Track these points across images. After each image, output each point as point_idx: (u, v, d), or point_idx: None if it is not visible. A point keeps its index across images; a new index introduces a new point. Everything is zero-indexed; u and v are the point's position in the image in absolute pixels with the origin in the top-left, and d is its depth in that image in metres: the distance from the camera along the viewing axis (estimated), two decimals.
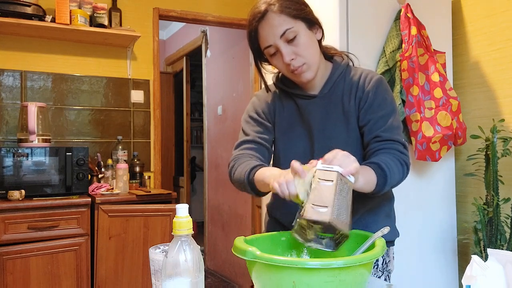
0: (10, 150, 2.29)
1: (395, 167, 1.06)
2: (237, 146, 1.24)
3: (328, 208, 0.82)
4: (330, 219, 0.81)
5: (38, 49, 2.76)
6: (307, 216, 0.83)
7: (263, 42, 1.12)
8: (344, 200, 0.86)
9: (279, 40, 1.09)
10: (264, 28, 1.10)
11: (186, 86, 4.99)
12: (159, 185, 3.08)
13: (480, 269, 0.76)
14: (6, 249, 2.10)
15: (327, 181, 0.86)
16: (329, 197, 0.83)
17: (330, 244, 0.89)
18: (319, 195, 0.84)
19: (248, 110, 1.28)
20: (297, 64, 1.11)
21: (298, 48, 1.10)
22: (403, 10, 1.93)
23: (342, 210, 0.85)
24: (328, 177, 0.86)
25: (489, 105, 2.09)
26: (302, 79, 1.14)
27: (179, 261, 0.73)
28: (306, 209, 0.84)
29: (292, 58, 1.10)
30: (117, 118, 2.97)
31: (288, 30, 1.08)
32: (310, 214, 0.83)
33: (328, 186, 0.85)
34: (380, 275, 1.21)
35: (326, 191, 0.84)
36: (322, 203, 0.83)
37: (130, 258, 2.32)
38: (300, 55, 1.10)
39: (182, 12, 3.19)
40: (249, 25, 1.13)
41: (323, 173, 0.87)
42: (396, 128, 1.14)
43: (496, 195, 1.87)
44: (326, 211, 0.82)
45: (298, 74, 1.13)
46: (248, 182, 1.11)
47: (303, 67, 1.11)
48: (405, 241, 1.92)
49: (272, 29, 1.09)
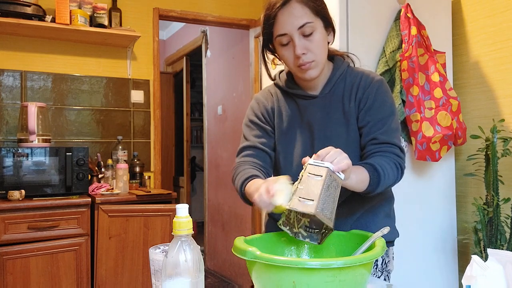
0: (10, 150, 2.29)
1: (389, 169, 1.06)
2: (238, 153, 1.25)
3: (314, 202, 0.84)
4: (315, 212, 0.83)
5: (38, 49, 2.76)
6: (293, 206, 0.85)
7: (278, 28, 1.11)
8: (330, 196, 0.88)
9: (296, 31, 1.09)
10: (284, 15, 1.10)
11: (186, 86, 4.99)
12: (159, 185, 3.08)
13: (480, 269, 0.76)
14: (6, 249, 2.10)
15: (317, 175, 0.88)
16: (315, 191, 0.85)
17: (316, 237, 0.93)
18: (306, 189, 0.86)
19: (248, 114, 1.28)
20: (306, 60, 1.10)
21: (311, 44, 1.10)
22: (403, 10, 1.93)
23: (327, 205, 0.87)
24: (318, 172, 0.88)
25: (489, 105, 2.09)
26: (306, 76, 1.14)
27: (179, 261, 0.73)
28: (293, 200, 0.86)
29: (304, 53, 1.10)
30: (117, 118, 2.97)
31: (308, 24, 1.09)
32: (295, 205, 0.85)
33: (316, 180, 0.87)
34: (380, 275, 1.21)
35: (313, 185, 0.86)
36: (308, 196, 0.85)
37: (130, 258, 2.32)
38: (312, 51, 1.10)
39: (182, 12, 3.20)
40: (269, 9, 1.12)
41: (313, 168, 0.89)
42: (394, 131, 1.14)
43: (496, 195, 1.87)
44: (311, 204, 0.84)
45: (305, 70, 1.12)
46: (241, 195, 1.14)
47: (311, 64, 1.11)
48: (405, 241, 1.92)
49: (292, 18, 1.09)
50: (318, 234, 0.92)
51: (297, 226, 0.91)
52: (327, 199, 0.87)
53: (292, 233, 0.94)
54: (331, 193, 0.88)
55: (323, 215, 0.85)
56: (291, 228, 0.94)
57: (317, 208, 0.83)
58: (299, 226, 0.91)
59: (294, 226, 0.93)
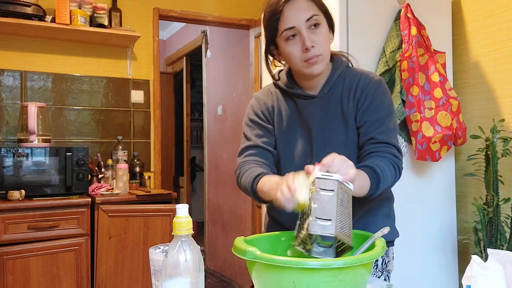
0: (10, 150, 2.29)
1: (388, 171, 1.06)
2: (240, 153, 1.24)
3: (332, 222, 0.82)
4: (336, 234, 0.81)
5: (38, 49, 2.76)
6: (312, 230, 0.83)
7: (285, 23, 1.11)
8: (345, 212, 0.86)
9: (303, 24, 1.09)
10: (290, 9, 1.10)
11: (186, 86, 4.99)
12: (159, 185, 3.08)
13: (480, 269, 0.76)
14: (6, 249, 2.10)
15: (328, 190, 0.85)
16: (331, 209, 0.83)
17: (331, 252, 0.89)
18: (321, 207, 0.84)
19: (248, 113, 1.28)
20: (314, 53, 1.10)
21: (318, 38, 1.10)
22: (403, 10, 1.93)
23: (345, 222, 0.85)
24: (328, 186, 0.86)
25: (489, 105, 2.09)
26: (313, 70, 1.13)
27: (179, 261, 0.73)
28: (310, 222, 0.83)
29: (312, 46, 1.10)
30: (117, 118, 2.97)
31: (315, 16, 1.09)
32: (314, 228, 0.82)
33: (329, 196, 0.85)
34: (380, 275, 1.21)
35: (328, 203, 0.84)
36: (324, 216, 0.83)
37: (130, 258, 2.32)
38: (319, 45, 1.10)
39: (182, 12, 3.20)
40: (274, 5, 1.12)
41: (323, 182, 0.87)
42: (392, 131, 1.14)
43: (496, 195, 1.87)
44: (330, 225, 0.82)
45: (312, 64, 1.11)
46: (252, 192, 1.13)
47: (319, 58, 1.11)
48: (405, 241, 1.92)
49: (299, 12, 1.09)
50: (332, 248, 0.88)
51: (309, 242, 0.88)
52: (343, 216, 0.85)
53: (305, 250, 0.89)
54: (345, 207, 0.86)
55: (343, 234, 0.83)
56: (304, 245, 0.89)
57: (336, 229, 0.81)
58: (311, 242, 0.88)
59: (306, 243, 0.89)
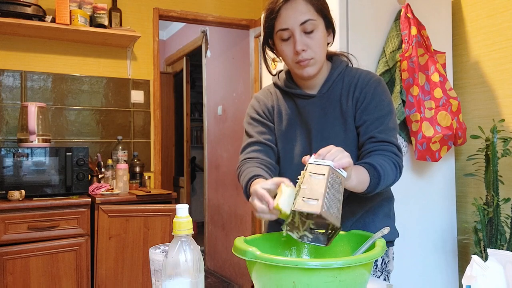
0: (10, 150, 2.29)
1: (389, 169, 1.06)
2: (243, 150, 1.24)
3: (319, 201, 0.82)
4: (321, 212, 0.81)
5: (38, 49, 2.76)
6: (297, 208, 0.83)
7: (280, 23, 1.12)
8: (335, 194, 0.87)
9: (297, 26, 1.10)
10: (287, 9, 1.10)
11: (186, 86, 4.99)
12: (159, 185, 3.08)
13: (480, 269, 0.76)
14: (6, 249, 2.10)
15: (319, 174, 0.86)
16: (319, 190, 0.84)
17: (322, 239, 0.90)
18: (309, 188, 0.85)
19: (248, 113, 1.28)
20: (305, 56, 1.11)
21: (312, 42, 1.11)
22: (403, 10, 1.93)
23: (333, 203, 0.85)
24: (319, 170, 0.87)
25: (489, 105, 2.09)
26: (304, 73, 1.14)
27: (179, 261, 0.73)
28: (297, 201, 0.85)
29: (303, 49, 1.10)
30: (117, 118, 2.97)
31: (310, 20, 1.09)
32: (300, 206, 0.83)
33: (319, 179, 0.85)
34: (380, 275, 1.21)
35: (316, 185, 0.85)
36: (312, 196, 0.83)
37: (130, 258, 2.32)
38: (311, 49, 1.11)
39: (182, 12, 3.20)
40: (273, 3, 1.13)
41: (314, 167, 0.88)
42: (392, 130, 1.14)
43: (496, 195, 1.87)
44: (316, 204, 0.82)
45: (303, 67, 1.13)
46: (247, 196, 1.14)
47: (310, 61, 1.12)
48: (405, 241, 1.92)
49: (295, 14, 1.10)
50: (324, 235, 0.90)
51: (302, 229, 0.89)
52: (332, 198, 0.85)
53: (298, 236, 0.91)
54: (335, 191, 0.87)
55: (329, 213, 0.83)
56: (296, 232, 0.92)
57: (322, 207, 0.81)
58: (304, 229, 0.89)
59: (299, 229, 0.90)
